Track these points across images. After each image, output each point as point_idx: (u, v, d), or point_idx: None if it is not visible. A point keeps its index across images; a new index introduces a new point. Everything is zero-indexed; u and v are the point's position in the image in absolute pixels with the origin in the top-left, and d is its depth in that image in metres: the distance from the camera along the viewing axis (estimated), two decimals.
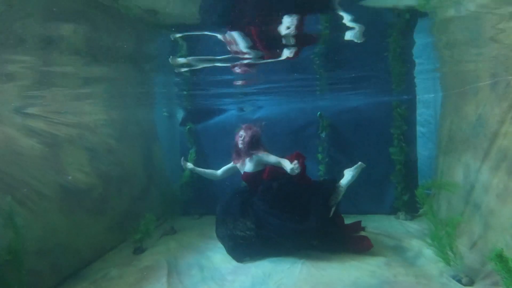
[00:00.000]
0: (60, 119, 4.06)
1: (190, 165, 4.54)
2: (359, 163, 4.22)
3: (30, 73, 3.03)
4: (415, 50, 3.18)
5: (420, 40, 2.83)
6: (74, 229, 3.74)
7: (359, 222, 4.73)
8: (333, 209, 4.03)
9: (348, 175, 4.20)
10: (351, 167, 4.21)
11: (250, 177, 4.25)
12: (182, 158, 4.58)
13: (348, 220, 4.81)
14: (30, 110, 3.81)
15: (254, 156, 4.19)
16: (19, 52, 2.47)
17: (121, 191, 4.79)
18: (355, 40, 2.71)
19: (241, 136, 4.26)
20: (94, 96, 4.47)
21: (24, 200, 3.17)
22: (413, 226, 4.74)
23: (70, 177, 3.86)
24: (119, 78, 3.74)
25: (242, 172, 4.34)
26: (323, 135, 5.53)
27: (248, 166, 4.24)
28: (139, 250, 4.31)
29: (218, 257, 4.01)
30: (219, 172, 4.57)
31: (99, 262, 4.05)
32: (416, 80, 4.74)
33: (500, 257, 2.35)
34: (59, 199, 3.59)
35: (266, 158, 4.16)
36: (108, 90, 4.29)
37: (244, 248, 3.95)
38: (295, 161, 3.80)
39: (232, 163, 4.47)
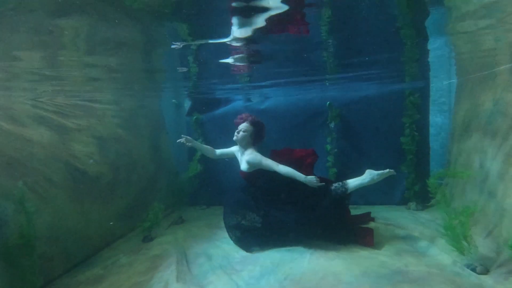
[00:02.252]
0: (70, 108, 4.07)
1: (189, 138, 4.26)
2: (388, 170, 3.77)
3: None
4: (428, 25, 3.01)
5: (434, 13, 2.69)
6: (83, 216, 3.78)
7: (369, 213, 4.65)
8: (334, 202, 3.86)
9: (366, 177, 3.83)
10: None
11: (246, 176, 4.10)
12: (182, 136, 4.28)
13: (357, 211, 4.76)
14: (40, 99, 3.83)
15: (247, 155, 3.99)
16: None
17: (130, 180, 4.81)
18: None
19: (241, 129, 4.03)
20: (103, 85, 4.47)
21: (34, 187, 3.20)
22: (424, 216, 4.64)
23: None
24: (127, 66, 3.72)
25: (239, 161, 4.20)
26: (332, 125, 5.44)
27: (243, 165, 4.06)
28: (147, 239, 4.33)
29: (226, 246, 4.00)
30: (218, 152, 4.46)
31: (108, 250, 4.09)
32: (430, 65, 4.58)
33: None
34: (69, 187, 3.62)
35: (264, 165, 3.85)
36: (117, 79, 4.28)
37: (251, 239, 3.93)
38: (313, 177, 3.65)
39: (233, 147, 4.32)
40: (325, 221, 3.77)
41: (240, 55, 3.63)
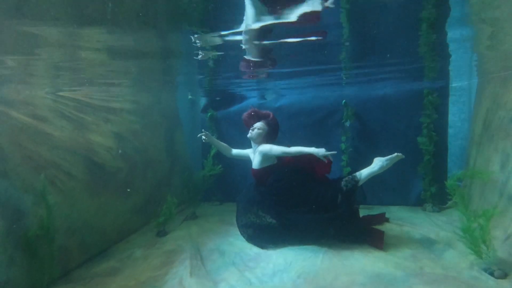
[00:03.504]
0: (89, 103, 4.16)
1: (208, 134, 4.35)
2: (396, 154, 3.71)
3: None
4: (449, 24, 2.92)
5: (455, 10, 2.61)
6: (100, 210, 3.86)
7: (383, 214, 4.59)
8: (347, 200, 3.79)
9: (375, 165, 3.79)
10: (375, 157, 3.85)
11: (257, 174, 4.11)
12: (203, 131, 4.37)
13: (372, 212, 4.71)
14: (60, 92, 3.93)
15: (259, 149, 4.02)
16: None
17: (145, 175, 4.89)
18: None
19: (256, 127, 4.09)
20: (122, 80, 4.55)
21: (53, 180, 3.28)
22: (441, 218, 4.54)
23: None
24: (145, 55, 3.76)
25: (252, 161, 4.21)
26: (347, 124, 5.38)
27: (255, 161, 4.09)
28: (162, 233, 4.40)
29: (239, 243, 4.02)
30: (234, 151, 4.51)
31: (124, 243, 4.17)
32: (450, 64, 4.46)
33: None
34: (87, 180, 3.70)
35: (276, 151, 3.87)
36: (135, 74, 4.33)
37: (264, 236, 3.94)
38: (322, 149, 3.66)
39: (249, 150, 4.36)
40: (339, 219, 3.73)
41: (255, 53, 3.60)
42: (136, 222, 4.62)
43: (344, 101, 5.34)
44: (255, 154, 4.11)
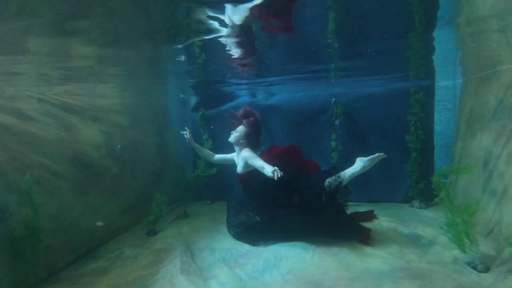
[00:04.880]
0: (76, 102, 4.12)
1: (190, 137, 4.31)
2: (378, 154, 3.75)
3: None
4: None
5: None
6: (88, 209, 3.82)
7: (372, 211, 4.66)
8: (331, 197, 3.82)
9: (357, 165, 3.80)
10: (364, 155, 3.87)
11: (242, 178, 4.11)
12: (186, 130, 4.33)
13: (361, 209, 4.78)
14: (47, 92, 3.88)
15: (241, 154, 4.00)
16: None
17: (135, 174, 4.86)
18: None
19: (238, 131, 4.05)
20: (110, 78, 4.50)
21: (40, 180, 3.24)
22: (427, 214, 4.65)
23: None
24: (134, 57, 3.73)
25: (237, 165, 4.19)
26: (337, 122, 5.44)
27: (239, 166, 4.09)
28: (152, 232, 4.38)
29: (229, 241, 4.04)
30: (216, 157, 4.49)
31: (113, 243, 4.14)
32: (435, 64, 4.55)
33: None
34: (74, 179, 3.66)
35: (251, 161, 3.83)
36: (124, 70, 4.28)
37: (254, 233, 3.96)
38: (275, 168, 3.40)
39: (233, 153, 4.32)
40: (325, 218, 3.77)
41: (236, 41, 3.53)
42: (126, 221, 4.59)
43: (334, 99, 5.40)
44: (239, 158, 4.10)
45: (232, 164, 4.38)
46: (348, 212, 4.15)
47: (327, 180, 3.83)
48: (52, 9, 2.16)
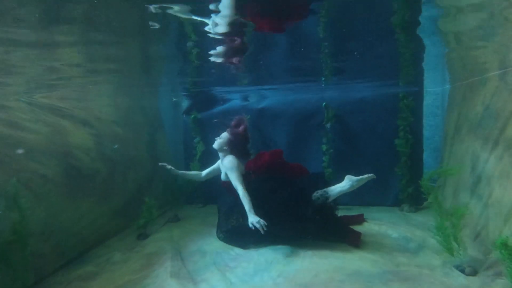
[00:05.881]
0: (66, 105, 4.07)
1: (171, 167, 4.34)
2: (367, 175, 3.79)
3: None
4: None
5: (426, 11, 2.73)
6: (77, 213, 3.78)
7: (361, 215, 4.70)
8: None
9: (346, 184, 3.82)
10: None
11: (226, 186, 4.08)
12: (167, 166, 4.34)
13: (351, 212, 4.82)
14: (36, 96, 3.83)
15: (223, 162, 3.99)
16: None
17: (126, 177, 4.82)
18: None
19: (221, 137, 4.05)
20: (101, 80, 4.46)
21: (28, 183, 3.19)
22: (417, 218, 4.70)
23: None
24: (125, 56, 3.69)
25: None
26: (328, 125, 5.49)
27: (222, 173, 4.06)
28: (142, 236, 4.34)
29: (220, 244, 4.03)
30: (204, 173, 4.48)
31: (103, 247, 4.09)
32: (424, 69, 4.65)
33: (505, 245, 2.32)
34: (63, 183, 3.61)
35: (229, 174, 3.84)
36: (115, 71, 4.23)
37: (244, 237, 3.94)
38: (259, 219, 3.56)
39: (217, 162, 4.30)
40: (315, 222, 3.78)
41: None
42: (116, 225, 4.54)
43: (324, 103, 5.45)
44: (222, 165, 4.08)
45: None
46: (338, 215, 4.17)
47: (314, 194, 3.83)
48: None
